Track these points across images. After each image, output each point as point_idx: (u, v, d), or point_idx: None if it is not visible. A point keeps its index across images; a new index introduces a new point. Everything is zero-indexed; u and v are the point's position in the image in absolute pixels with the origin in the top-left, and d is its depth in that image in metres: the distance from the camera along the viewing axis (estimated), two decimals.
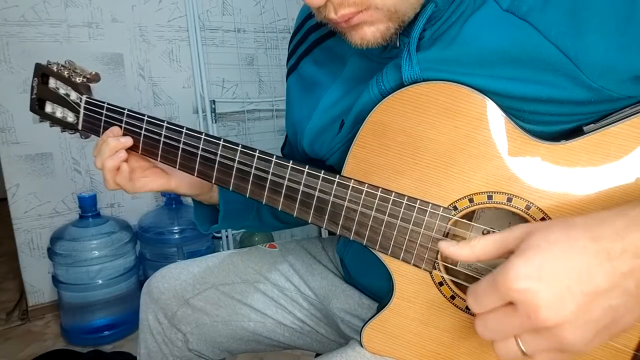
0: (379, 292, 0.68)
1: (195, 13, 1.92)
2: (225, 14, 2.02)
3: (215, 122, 1.99)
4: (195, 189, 0.71)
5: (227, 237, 2.03)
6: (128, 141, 0.64)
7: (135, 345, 0.83)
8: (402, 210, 0.52)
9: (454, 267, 0.51)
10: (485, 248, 0.42)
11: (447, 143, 0.49)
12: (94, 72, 0.67)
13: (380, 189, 0.52)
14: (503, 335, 0.39)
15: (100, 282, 1.61)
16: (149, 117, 0.63)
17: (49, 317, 1.80)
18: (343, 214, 0.54)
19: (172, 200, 1.85)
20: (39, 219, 1.75)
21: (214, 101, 1.98)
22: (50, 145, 1.72)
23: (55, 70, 0.68)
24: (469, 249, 0.43)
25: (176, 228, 1.81)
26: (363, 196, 0.53)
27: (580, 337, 0.36)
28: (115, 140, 0.63)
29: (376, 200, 0.52)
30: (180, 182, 0.70)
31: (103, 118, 0.65)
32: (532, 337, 0.38)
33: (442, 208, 0.50)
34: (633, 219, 0.37)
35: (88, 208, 1.63)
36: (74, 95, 0.67)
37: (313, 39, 0.67)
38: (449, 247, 0.44)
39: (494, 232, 0.51)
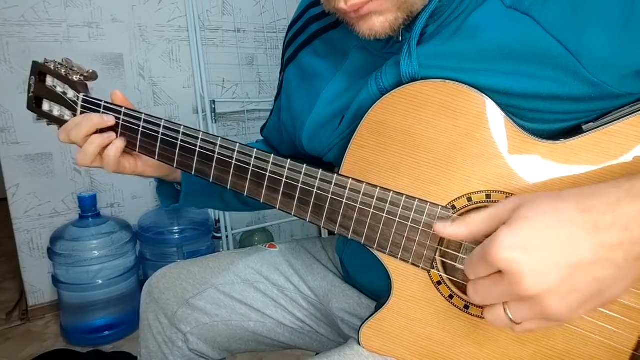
0: (378, 291, 0.68)
1: (195, 13, 1.92)
2: (225, 14, 2.02)
3: (215, 122, 1.99)
4: (159, 172, 0.72)
5: (227, 237, 2.03)
6: (110, 119, 0.64)
7: (135, 345, 0.83)
8: (400, 209, 0.51)
9: (453, 264, 0.51)
10: (481, 224, 0.43)
11: (445, 142, 0.49)
12: (91, 70, 0.67)
13: (378, 188, 0.52)
14: (491, 300, 0.40)
15: (100, 282, 1.61)
16: (146, 115, 0.63)
17: (49, 317, 1.80)
18: (341, 212, 0.54)
19: None
20: (39, 219, 1.75)
21: (214, 101, 1.98)
22: (50, 145, 1.72)
23: (52, 68, 0.67)
24: (466, 227, 0.43)
25: (176, 228, 1.81)
26: (361, 195, 0.53)
27: (563, 306, 0.37)
28: (100, 118, 0.63)
29: (374, 199, 0.52)
30: (146, 167, 0.70)
31: None
32: (518, 305, 0.39)
33: (440, 207, 0.50)
34: (626, 192, 0.37)
35: (88, 208, 1.63)
36: (71, 94, 0.66)
37: (314, 29, 0.66)
38: (445, 228, 0.44)
39: None
